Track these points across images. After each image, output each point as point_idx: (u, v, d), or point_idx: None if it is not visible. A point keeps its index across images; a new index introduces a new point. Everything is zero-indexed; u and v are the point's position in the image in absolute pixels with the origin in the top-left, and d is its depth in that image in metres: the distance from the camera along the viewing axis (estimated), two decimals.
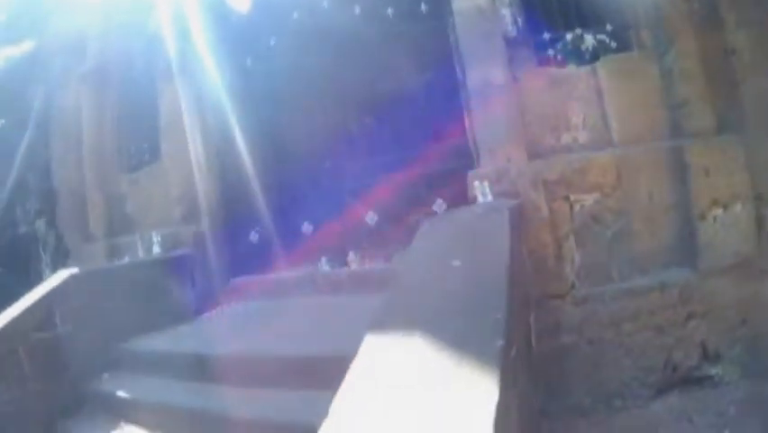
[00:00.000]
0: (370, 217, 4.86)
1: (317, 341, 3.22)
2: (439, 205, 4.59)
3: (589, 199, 3.78)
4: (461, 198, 4.54)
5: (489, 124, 3.93)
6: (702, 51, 3.82)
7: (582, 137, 4.07)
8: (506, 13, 4.12)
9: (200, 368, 3.31)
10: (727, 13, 3.82)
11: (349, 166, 5.31)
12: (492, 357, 1.49)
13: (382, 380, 1.57)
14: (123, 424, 3.37)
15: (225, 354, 3.36)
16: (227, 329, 4.00)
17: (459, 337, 1.65)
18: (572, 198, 3.79)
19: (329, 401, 1.54)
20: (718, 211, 3.71)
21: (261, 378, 3.00)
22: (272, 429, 2.65)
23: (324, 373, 2.60)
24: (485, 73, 3.94)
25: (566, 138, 4.08)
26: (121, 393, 3.51)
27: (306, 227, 5.09)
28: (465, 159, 4.40)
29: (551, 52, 4.20)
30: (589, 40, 4.13)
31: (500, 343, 1.56)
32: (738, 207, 3.72)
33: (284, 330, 3.62)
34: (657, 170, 3.81)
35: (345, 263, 4.66)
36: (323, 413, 1.50)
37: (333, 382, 1.63)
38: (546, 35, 4.20)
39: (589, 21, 4.20)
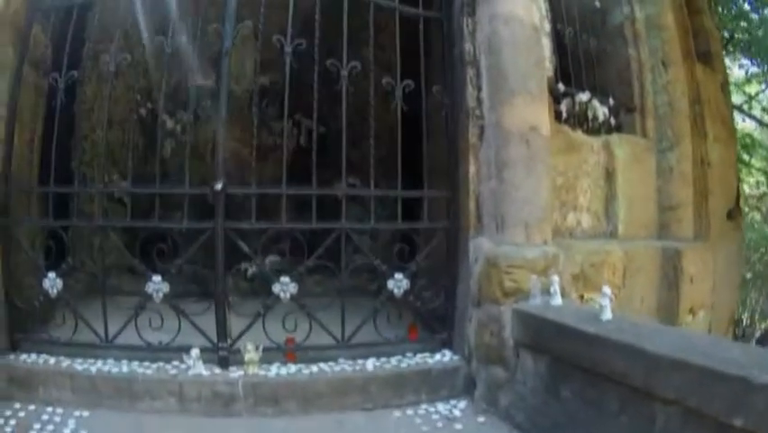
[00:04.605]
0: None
1: None
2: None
3: (596, 301, 3.09)
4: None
5: (526, 188, 2.79)
6: (694, 159, 3.67)
7: (585, 221, 3.40)
8: (546, 43, 3.13)
9: None
10: (708, 126, 3.80)
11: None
12: None
13: None
14: None
15: None
16: None
17: None
18: (585, 297, 3.09)
19: None
20: (689, 318, 3.59)
21: None
22: None
23: None
24: (531, 117, 2.83)
25: (572, 219, 3.35)
26: None
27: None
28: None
29: (562, 108, 3.40)
30: (598, 107, 3.50)
31: None
32: (702, 314, 3.69)
33: None
34: (651, 272, 3.45)
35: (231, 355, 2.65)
36: None
37: None
38: (561, 86, 3.38)
39: (591, 87, 3.56)
